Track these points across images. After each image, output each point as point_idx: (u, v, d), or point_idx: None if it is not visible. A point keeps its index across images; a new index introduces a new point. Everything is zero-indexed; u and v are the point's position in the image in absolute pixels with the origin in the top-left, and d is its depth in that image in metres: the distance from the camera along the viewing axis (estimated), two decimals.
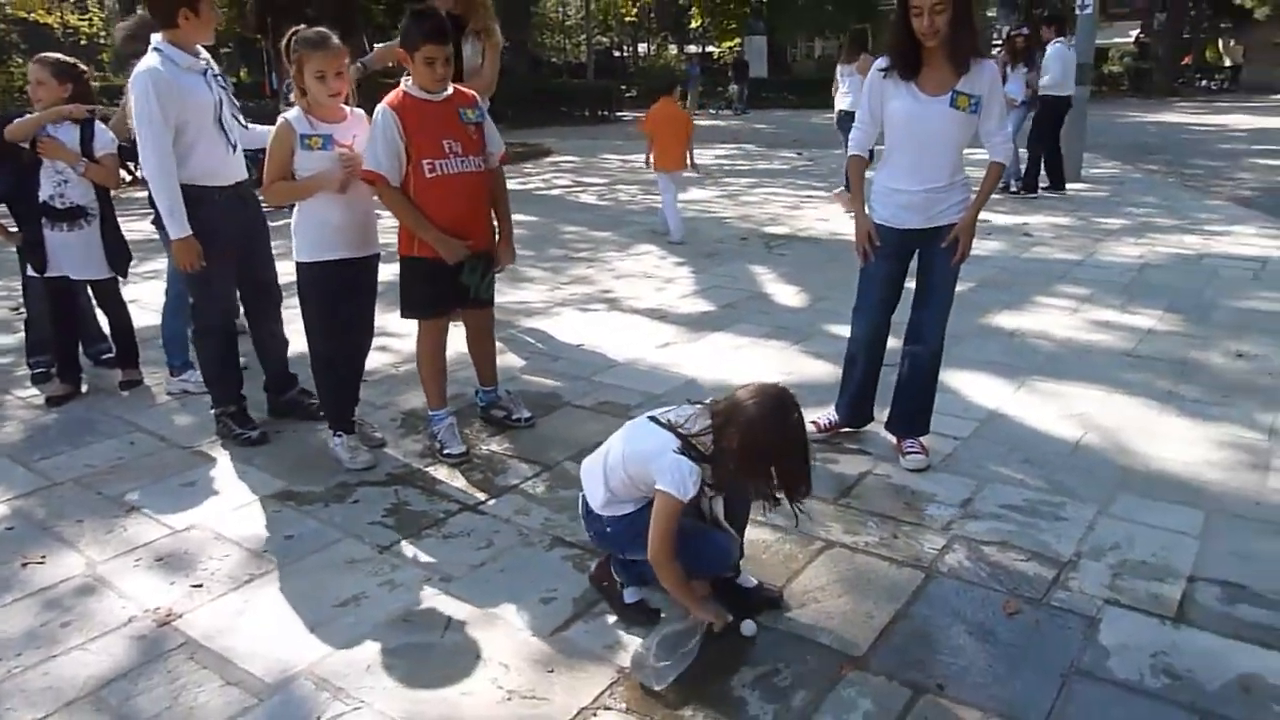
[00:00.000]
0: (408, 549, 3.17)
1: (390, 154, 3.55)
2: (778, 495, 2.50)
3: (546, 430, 4.13)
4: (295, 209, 3.72)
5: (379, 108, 3.58)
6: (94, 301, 4.95)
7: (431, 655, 2.61)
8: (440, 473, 3.74)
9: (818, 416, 3.95)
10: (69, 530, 3.32)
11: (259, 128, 4.13)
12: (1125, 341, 5.20)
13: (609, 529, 2.68)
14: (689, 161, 8.56)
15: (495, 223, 3.93)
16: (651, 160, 8.44)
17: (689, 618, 2.56)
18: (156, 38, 3.74)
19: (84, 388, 4.72)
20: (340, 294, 3.74)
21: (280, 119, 3.65)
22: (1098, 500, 3.39)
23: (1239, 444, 3.86)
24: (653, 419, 2.59)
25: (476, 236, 3.75)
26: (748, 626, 2.62)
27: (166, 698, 2.45)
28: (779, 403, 2.44)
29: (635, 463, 2.57)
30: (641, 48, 47.10)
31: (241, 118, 4.03)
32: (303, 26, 3.63)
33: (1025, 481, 3.55)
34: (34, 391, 4.71)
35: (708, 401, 2.59)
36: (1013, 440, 3.92)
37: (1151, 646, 2.57)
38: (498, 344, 5.29)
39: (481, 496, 3.53)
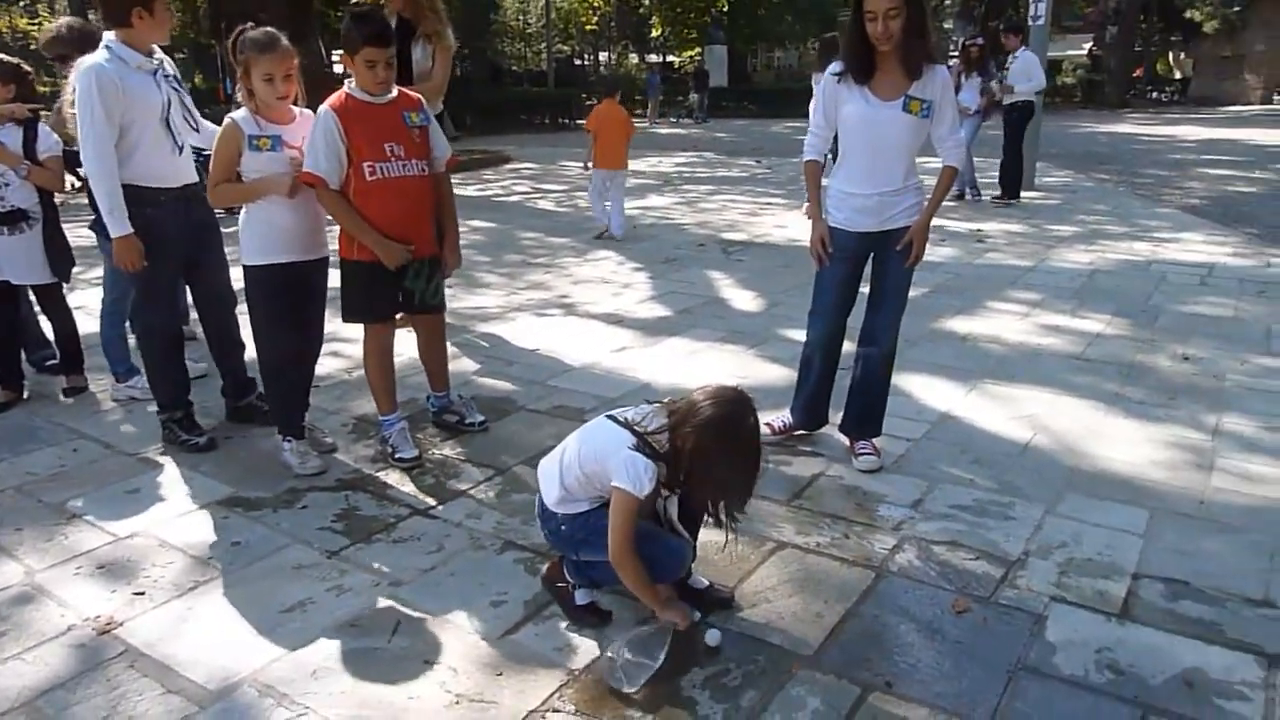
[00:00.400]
0: (357, 554, 3.13)
1: (330, 156, 3.49)
2: (719, 509, 2.51)
3: (500, 434, 4.10)
4: (242, 211, 3.67)
5: (320, 109, 3.53)
6: (37, 307, 4.84)
7: (379, 659, 2.57)
8: (391, 477, 3.70)
9: (772, 419, 3.96)
10: (8, 538, 3.23)
11: (211, 126, 4.07)
12: (1074, 345, 5.28)
13: (563, 527, 2.67)
14: (621, 163, 9.01)
15: (442, 228, 3.89)
16: (593, 160, 8.72)
17: (654, 622, 2.56)
18: (109, 35, 3.67)
19: (25, 394, 4.61)
20: (288, 298, 3.68)
21: (227, 119, 3.60)
22: (1046, 500, 3.44)
23: (1183, 444, 3.93)
24: (610, 417, 2.60)
25: (419, 241, 3.70)
26: (713, 636, 2.59)
27: (105, 706, 2.39)
28: (735, 406, 2.45)
29: (591, 461, 2.56)
30: (602, 56, 47.19)
31: (195, 118, 3.96)
32: (250, 25, 3.58)
33: (975, 482, 3.59)
34: None
35: (666, 401, 2.59)
36: (963, 442, 3.96)
37: (1096, 642, 2.61)
38: (451, 349, 5.27)
39: (433, 501, 3.49)
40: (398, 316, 3.93)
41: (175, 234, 3.83)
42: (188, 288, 4.18)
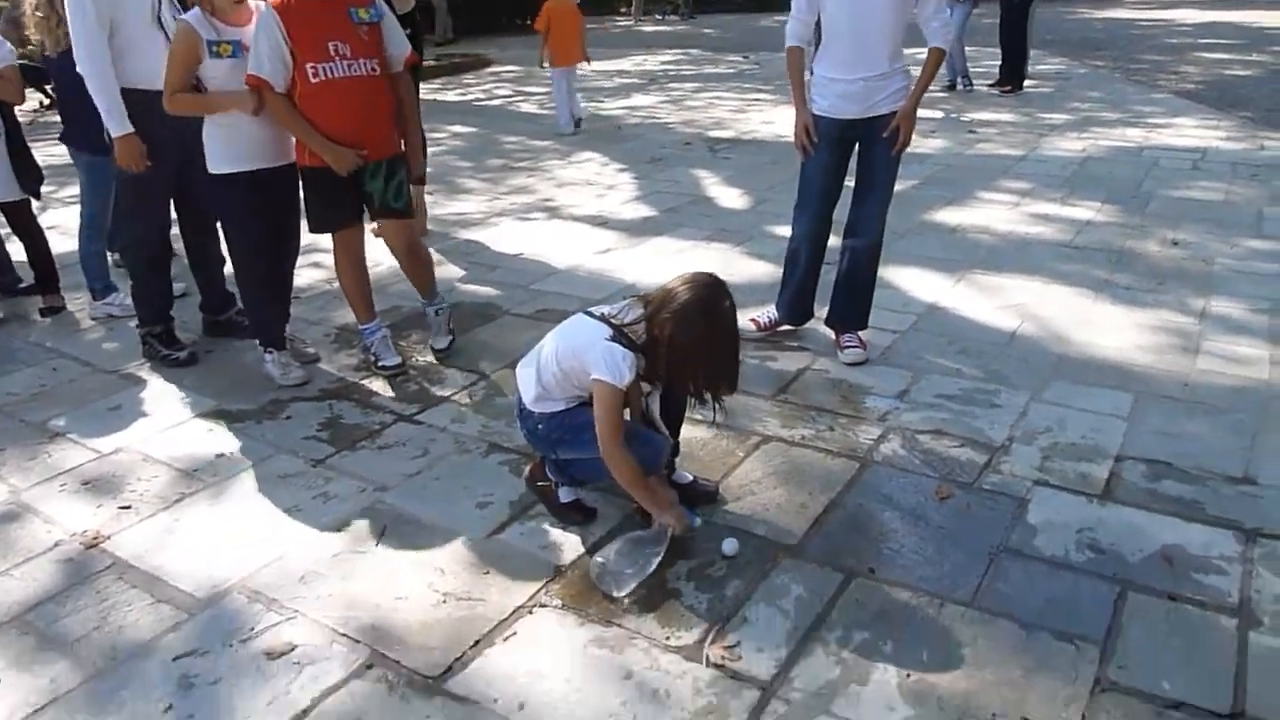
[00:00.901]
0: (342, 461, 3.12)
1: (274, 57, 3.31)
2: (704, 393, 2.48)
3: (483, 339, 4.07)
4: (205, 119, 3.54)
5: (262, 6, 3.36)
6: (5, 230, 4.73)
7: (366, 563, 2.59)
8: (375, 385, 3.67)
9: (757, 315, 3.93)
10: None
11: None
12: (1064, 234, 5.22)
13: (540, 426, 2.64)
14: (585, 55, 9.05)
15: (403, 131, 3.71)
16: (548, 58, 8.78)
17: (649, 525, 2.54)
18: None
19: (1, 316, 4.55)
20: (258, 206, 3.58)
21: (179, 21, 3.43)
22: (1031, 387, 3.43)
23: (1170, 328, 3.91)
24: (587, 313, 2.56)
25: (373, 143, 3.49)
26: (730, 545, 2.53)
27: (95, 618, 2.41)
28: (710, 290, 2.40)
29: (569, 356, 2.53)
30: None
31: None
32: None
33: (961, 371, 3.58)
34: None
35: (641, 295, 2.55)
36: (950, 332, 3.94)
37: (1078, 523, 2.63)
38: (434, 255, 5.20)
39: (417, 407, 3.48)
40: (372, 225, 3.83)
41: (167, 137, 3.68)
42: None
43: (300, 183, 3.61)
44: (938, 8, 3.44)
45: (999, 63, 10.51)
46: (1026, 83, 10.56)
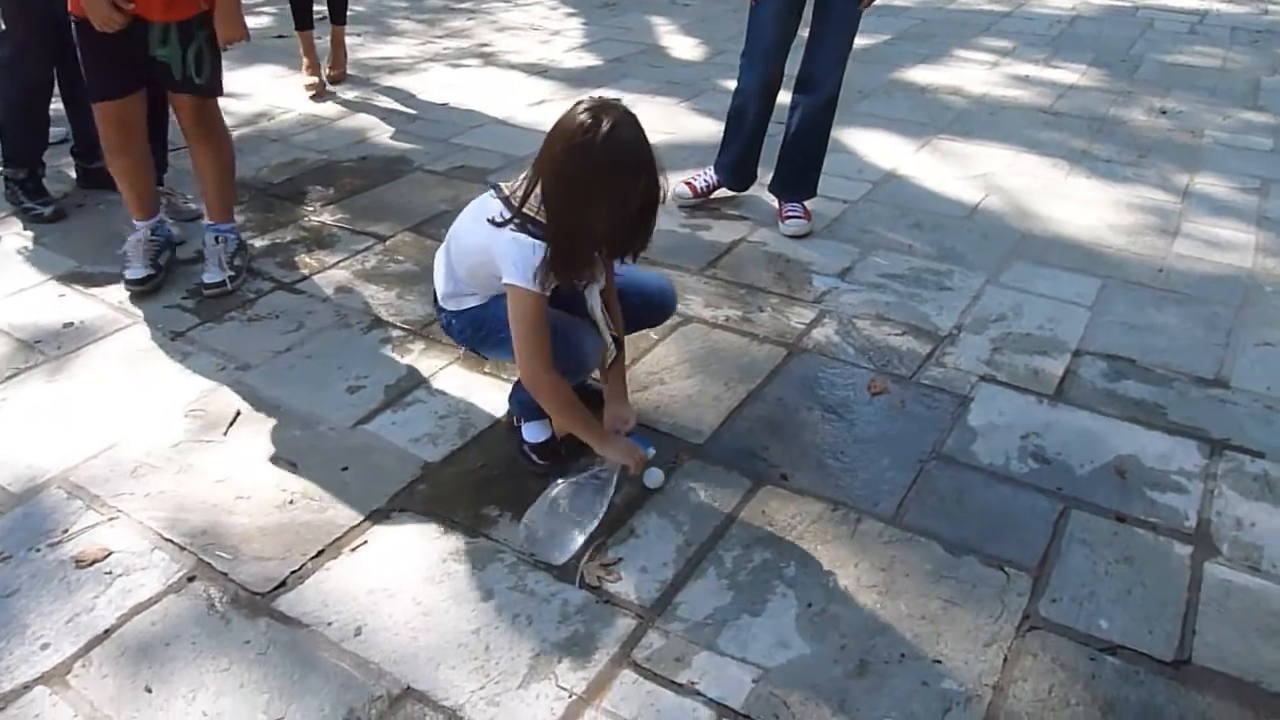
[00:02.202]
0: (205, 335, 2.74)
1: None
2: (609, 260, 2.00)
3: (386, 198, 3.63)
4: None
5: None
6: None
7: (211, 454, 2.25)
8: (260, 245, 3.25)
9: (692, 177, 3.51)
10: None
11: None
12: (1043, 98, 4.77)
13: (454, 323, 2.19)
14: None
15: None
16: None
17: (596, 464, 2.06)
18: None
19: None
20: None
21: None
22: (989, 268, 3.08)
23: (1149, 206, 3.54)
24: (495, 189, 2.01)
25: None
26: (653, 477, 2.10)
27: None
28: (588, 113, 1.77)
29: (475, 251, 2.02)
30: None
31: None
32: None
33: (913, 248, 3.21)
34: None
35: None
36: (905, 204, 3.55)
37: (1023, 427, 2.32)
38: (351, 100, 4.69)
39: (300, 273, 3.07)
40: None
41: None
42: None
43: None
44: None
45: None
46: None
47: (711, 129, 4.23)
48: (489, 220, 1.91)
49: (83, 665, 1.72)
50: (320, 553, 1.96)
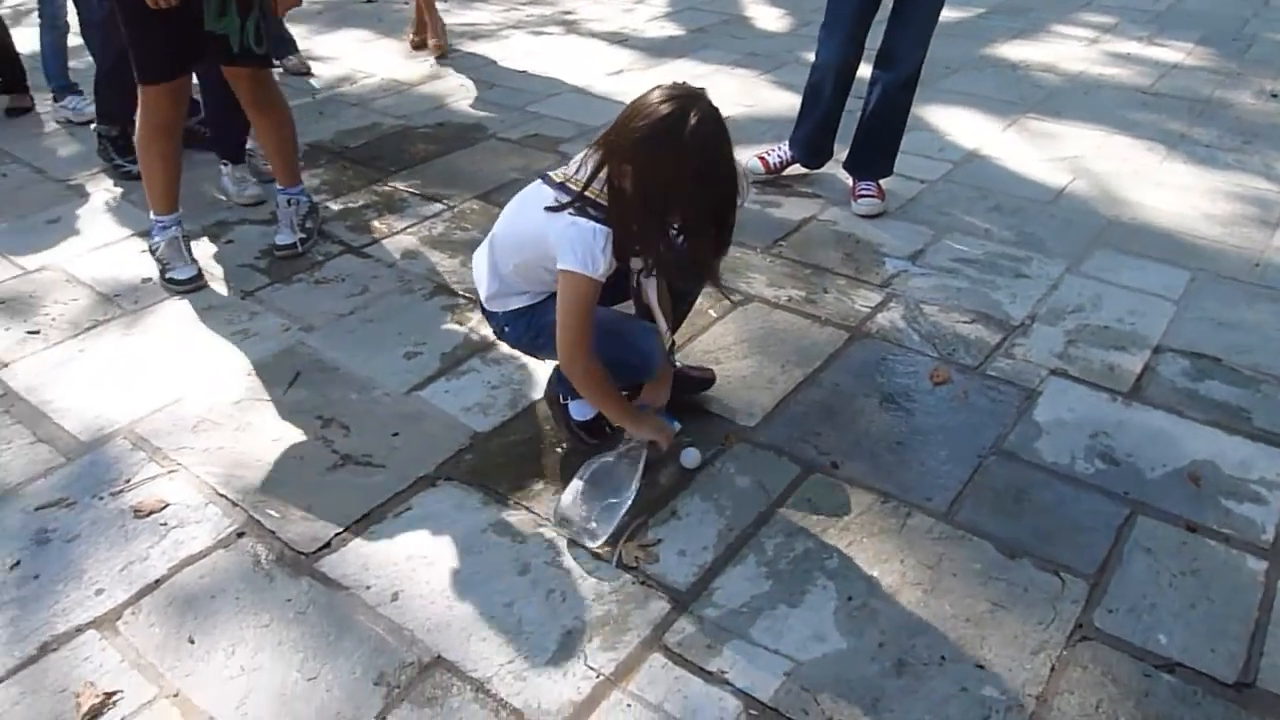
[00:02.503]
0: (273, 295, 2.80)
1: None
2: (684, 256, 1.85)
3: (459, 165, 3.64)
4: None
5: None
6: None
7: (267, 415, 2.29)
8: (332, 209, 3.30)
9: (766, 152, 3.43)
10: None
11: None
12: (1143, 77, 4.52)
13: (507, 329, 2.10)
14: None
15: None
16: None
17: (623, 443, 2.00)
18: None
19: None
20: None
21: None
22: (1069, 256, 2.94)
23: (1249, 196, 3.33)
24: (545, 179, 1.91)
25: None
26: (689, 456, 2.06)
27: None
28: (675, 103, 1.68)
29: (528, 245, 1.92)
30: None
31: None
32: None
33: (990, 232, 3.09)
34: None
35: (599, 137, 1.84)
36: (986, 185, 3.41)
37: (1093, 425, 2.21)
38: (429, 69, 4.72)
39: (369, 237, 3.11)
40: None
41: None
42: None
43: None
44: None
45: None
46: None
47: (791, 102, 4.11)
48: (546, 208, 1.82)
49: (132, 613, 1.77)
50: (365, 516, 1.98)
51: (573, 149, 3.73)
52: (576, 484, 1.94)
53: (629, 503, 1.91)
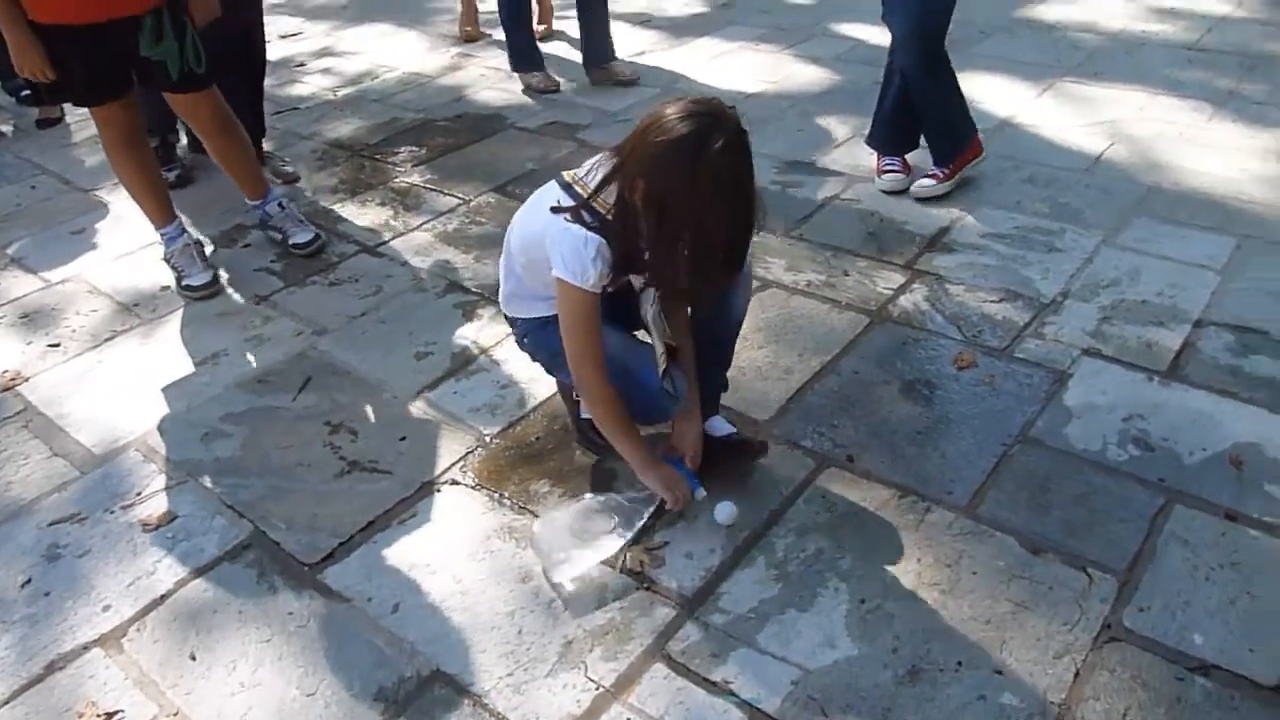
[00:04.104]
0: (287, 299, 2.78)
1: None
2: (695, 284, 1.70)
3: (477, 157, 3.60)
4: None
5: None
6: None
7: (277, 420, 2.28)
8: (348, 210, 3.28)
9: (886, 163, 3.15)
10: None
11: None
12: (1189, 32, 4.30)
13: (526, 339, 2.00)
14: None
15: None
16: None
17: (639, 489, 1.87)
18: None
19: (11, 127, 4.28)
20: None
21: None
22: (1106, 227, 2.80)
23: None
24: (559, 179, 1.79)
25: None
26: (725, 512, 1.84)
27: None
28: (698, 121, 1.54)
29: (532, 245, 1.80)
30: None
31: None
32: None
33: (1022, 204, 2.95)
34: None
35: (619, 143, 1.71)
36: (1019, 155, 3.26)
37: (1126, 408, 2.09)
38: (448, 60, 4.67)
39: (385, 236, 3.08)
40: None
41: None
42: None
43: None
44: None
45: None
46: None
47: (818, 76, 4.03)
48: (550, 208, 1.72)
49: (137, 629, 1.77)
50: (370, 524, 1.95)
51: (591, 136, 3.66)
52: (564, 514, 1.81)
53: (613, 550, 1.78)
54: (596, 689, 1.57)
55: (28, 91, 4.47)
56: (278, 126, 3.95)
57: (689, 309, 1.91)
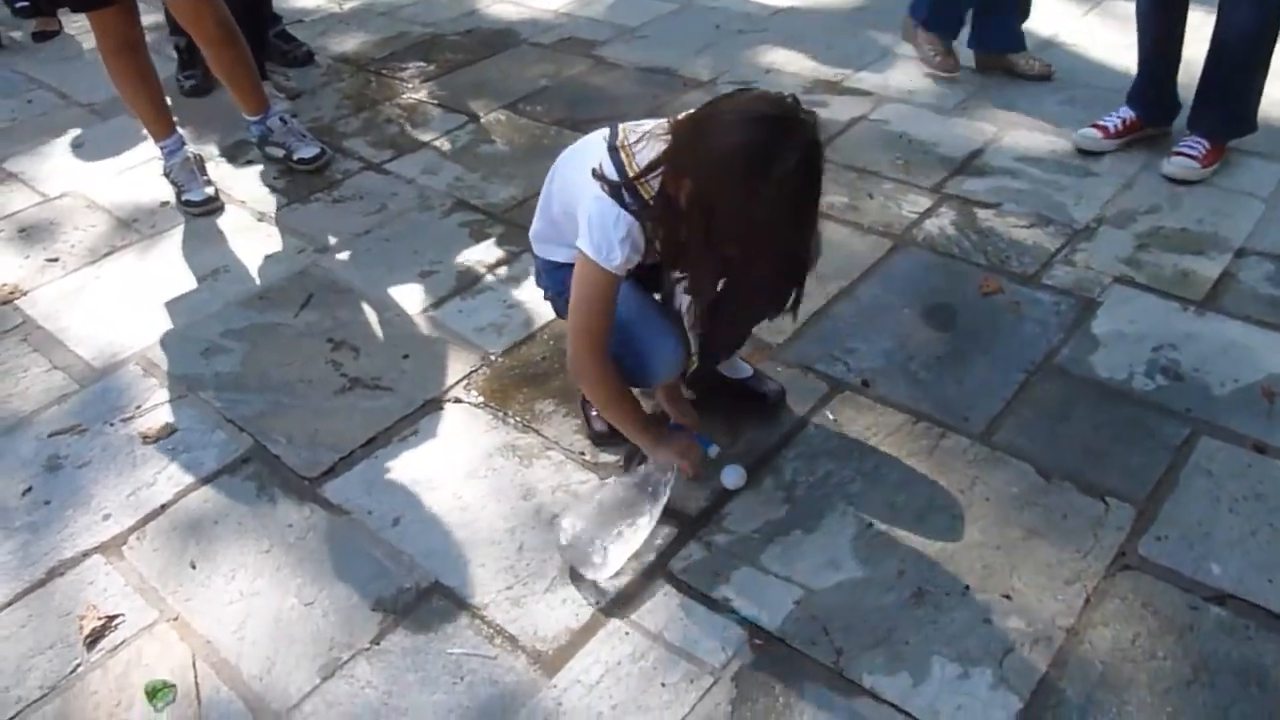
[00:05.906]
0: (289, 215, 2.72)
1: None
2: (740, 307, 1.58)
3: (487, 74, 3.48)
4: None
5: None
6: None
7: (278, 336, 2.24)
8: (352, 125, 3.19)
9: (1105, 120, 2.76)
10: None
11: None
12: None
13: (544, 276, 1.84)
14: None
15: None
16: None
17: (650, 464, 1.69)
18: None
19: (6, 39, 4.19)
20: None
21: None
22: (1147, 152, 2.67)
23: None
24: (612, 129, 1.58)
25: None
26: (732, 475, 1.73)
27: None
28: (767, 128, 1.33)
29: (568, 197, 1.64)
30: None
31: None
32: None
33: (1060, 127, 2.82)
34: None
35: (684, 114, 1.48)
36: (1060, 75, 3.12)
37: (1157, 338, 2.01)
38: None
39: (390, 153, 3.00)
40: None
41: None
42: None
43: None
44: None
45: None
46: None
47: None
48: (592, 170, 1.52)
49: (137, 538, 1.75)
50: (370, 440, 1.91)
51: (608, 53, 3.53)
52: (587, 507, 1.64)
53: (644, 535, 1.62)
54: (596, 604, 1.54)
55: (24, 3, 4.37)
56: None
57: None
